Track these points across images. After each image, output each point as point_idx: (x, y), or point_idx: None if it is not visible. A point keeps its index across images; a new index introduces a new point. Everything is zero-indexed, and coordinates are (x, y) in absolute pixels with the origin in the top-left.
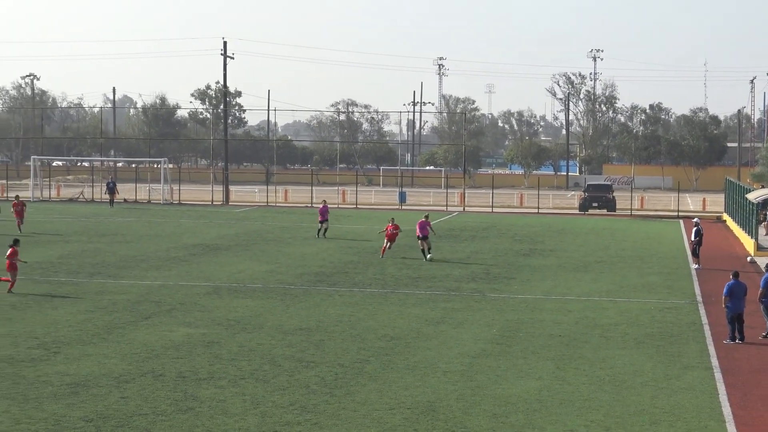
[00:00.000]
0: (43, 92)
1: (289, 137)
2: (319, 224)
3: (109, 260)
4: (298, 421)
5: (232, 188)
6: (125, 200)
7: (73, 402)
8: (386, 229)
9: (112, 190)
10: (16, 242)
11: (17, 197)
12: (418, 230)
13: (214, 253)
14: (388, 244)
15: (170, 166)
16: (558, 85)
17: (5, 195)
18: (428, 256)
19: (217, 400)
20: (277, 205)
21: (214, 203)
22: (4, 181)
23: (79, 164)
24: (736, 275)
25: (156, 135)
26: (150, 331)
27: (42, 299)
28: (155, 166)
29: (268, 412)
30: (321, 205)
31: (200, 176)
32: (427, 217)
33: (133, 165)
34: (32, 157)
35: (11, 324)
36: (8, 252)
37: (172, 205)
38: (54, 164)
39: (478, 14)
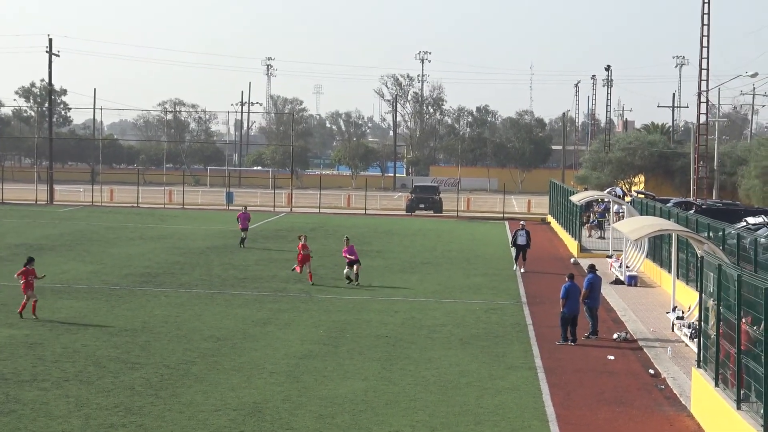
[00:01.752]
0: None
1: (115, 136)
2: (242, 233)
3: None
4: (123, 423)
5: (56, 187)
6: None
7: None
8: (298, 253)
9: None
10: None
11: None
12: (346, 255)
13: (38, 253)
14: (305, 267)
15: None
16: (386, 86)
17: None
18: (356, 282)
19: (41, 402)
20: (103, 204)
21: (39, 202)
22: None
23: None
24: (571, 277)
25: None
26: None
27: None
28: None
29: (92, 414)
30: (241, 212)
31: (24, 175)
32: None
33: None
34: None
35: None
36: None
37: None
38: None
39: (307, 15)
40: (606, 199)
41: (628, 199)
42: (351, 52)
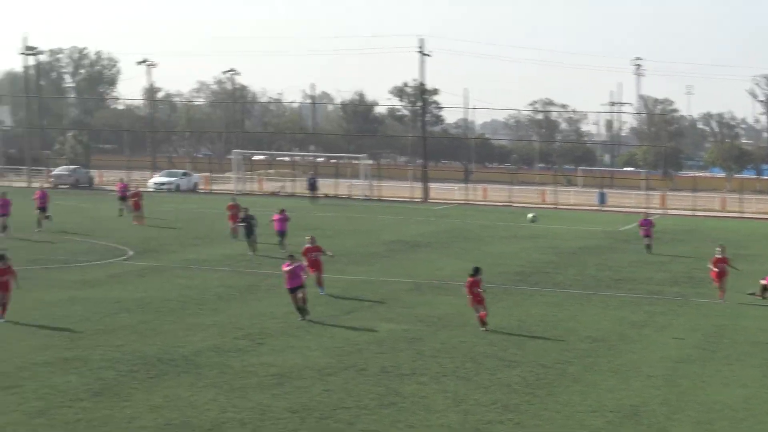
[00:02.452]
0: (244, 87)
1: (487, 135)
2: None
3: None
4: (500, 420)
5: (431, 185)
6: (326, 195)
7: (277, 393)
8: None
9: (313, 186)
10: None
11: (136, 187)
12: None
13: (414, 250)
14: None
15: (370, 162)
16: (758, 86)
17: (210, 188)
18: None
19: (419, 396)
20: (476, 203)
21: (414, 200)
22: (208, 174)
23: (279, 159)
24: None
25: (355, 131)
26: (352, 325)
27: (247, 291)
28: (355, 162)
29: (470, 410)
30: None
31: (399, 173)
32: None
33: (333, 161)
34: (233, 150)
35: (217, 315)
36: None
37: (372, 202)
38: (255, 158)
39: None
40: None
41: None
42: (721, 52)
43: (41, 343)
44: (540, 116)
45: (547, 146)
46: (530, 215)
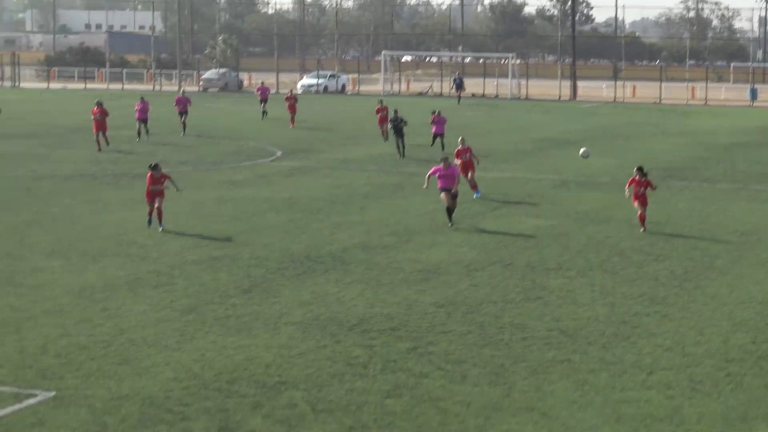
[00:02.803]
0: None
1: (637, 34)
2: None
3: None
4: (647, 312)
5: (579, 83)
6: (473, 95)
7: (424, 288)
8: None
9: (459, 86)
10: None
11: (291, 91)
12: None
13: (562, 147)
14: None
15: (517, 61)
16: None
17: (357, 89)
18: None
19: (566, 290)
20: (625, 101)
21: (561, 99)
22: (355, 75)
23: (427, 60)
24: None
25: (503, 32)
26: (499, 222)
27: (394, 190)
28: (503, 62)
29: (617, 303)
30: None
31: (547, 72)
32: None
33: (481, 60)
34: (383, 52)
35: (364, 213)
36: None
37: (519, 100)
38: (403, 59)
39: None
40: None
41: None
42: None
43: (192, 243)
44: (692, 14)
45: (698, 43)
46: (582, 150)
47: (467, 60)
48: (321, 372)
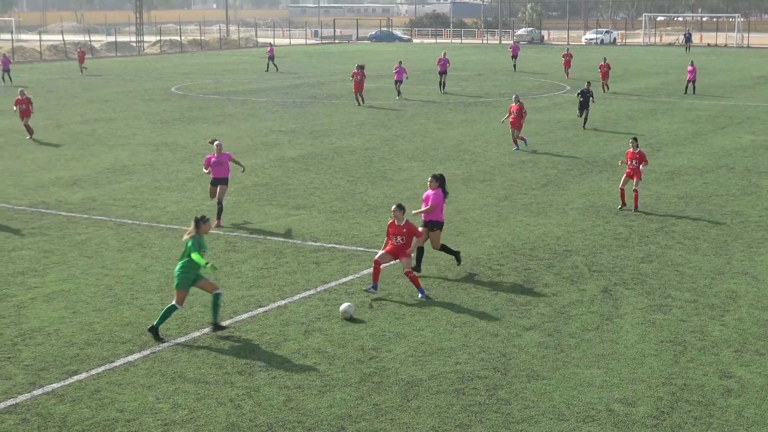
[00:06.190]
0: None
1: None
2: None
3: (706, 85)
4: None
5: None
6: (708, 45)
7: (669, 185)
8: None
9: (688, 39)
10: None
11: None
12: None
13: None
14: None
15: (742, 20)
16: None
17: (624, 41)
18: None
19: None
20: None
21: None
22: (623, 31)
23: (675, 19)
24: None
25: None
26: (724, 137)
27: (650, 114)
28: (731, 19)
29: None
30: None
31: (765, 26)
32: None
33: (714, 19)
34: (643, 14)
35: (629, 129)
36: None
37: (743, 48)
38: (658, 19)
39: None
40: None
41: None
42: None
43: (506, 151)
44: None
45: None
46: (343, 308)
47: (704, 19)
48: (595, 243)
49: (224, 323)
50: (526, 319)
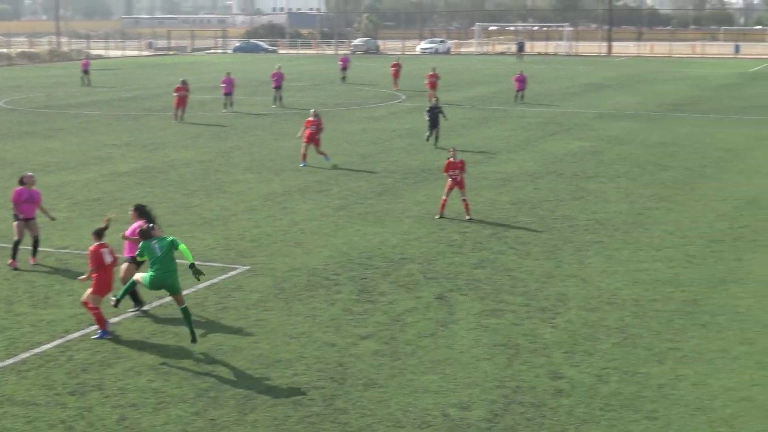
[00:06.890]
0: None
1: (656, 7)
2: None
3: (537, 93)
4: (656, 207)
5: (613, 44)
6: (539, 54)
7: (502, 191)
8: None
9: (521, 48)
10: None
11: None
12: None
13: (600, 90)
14: None
15: (570, 29)
16: None
17: (458, 51)
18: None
19: (600, 192)
20: (646, 55)
21: (601, 54)
22: (457, 41)
23: (507, 29)
24: None
25: (560, 7)
26: (554, 144)
27: (482, 122)
28: (560, 29)
29: (635, 200)
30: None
31: (591, 36)
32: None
33: (545, 28)
34: (476, 23)
35: (462, 138)
36: None
37: (571, 57)
38: (490, 29)
39: None
40: None
41: None
42: None
43: (342, 160)
44: None
45: (698, 13)
46: None
47: (535, 28)
48: (430, 250)
49: (55, 343)
50: (362, 328)
